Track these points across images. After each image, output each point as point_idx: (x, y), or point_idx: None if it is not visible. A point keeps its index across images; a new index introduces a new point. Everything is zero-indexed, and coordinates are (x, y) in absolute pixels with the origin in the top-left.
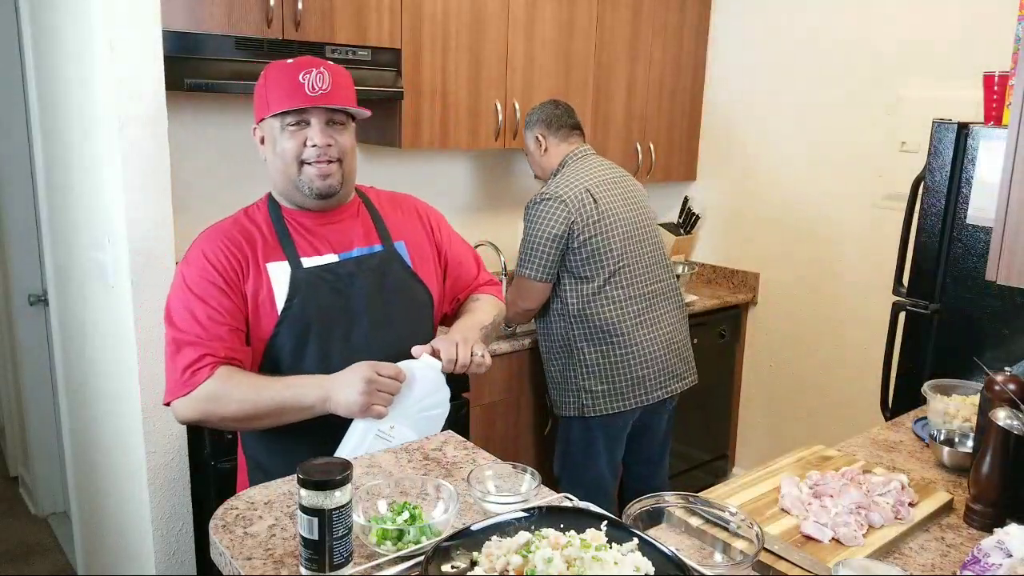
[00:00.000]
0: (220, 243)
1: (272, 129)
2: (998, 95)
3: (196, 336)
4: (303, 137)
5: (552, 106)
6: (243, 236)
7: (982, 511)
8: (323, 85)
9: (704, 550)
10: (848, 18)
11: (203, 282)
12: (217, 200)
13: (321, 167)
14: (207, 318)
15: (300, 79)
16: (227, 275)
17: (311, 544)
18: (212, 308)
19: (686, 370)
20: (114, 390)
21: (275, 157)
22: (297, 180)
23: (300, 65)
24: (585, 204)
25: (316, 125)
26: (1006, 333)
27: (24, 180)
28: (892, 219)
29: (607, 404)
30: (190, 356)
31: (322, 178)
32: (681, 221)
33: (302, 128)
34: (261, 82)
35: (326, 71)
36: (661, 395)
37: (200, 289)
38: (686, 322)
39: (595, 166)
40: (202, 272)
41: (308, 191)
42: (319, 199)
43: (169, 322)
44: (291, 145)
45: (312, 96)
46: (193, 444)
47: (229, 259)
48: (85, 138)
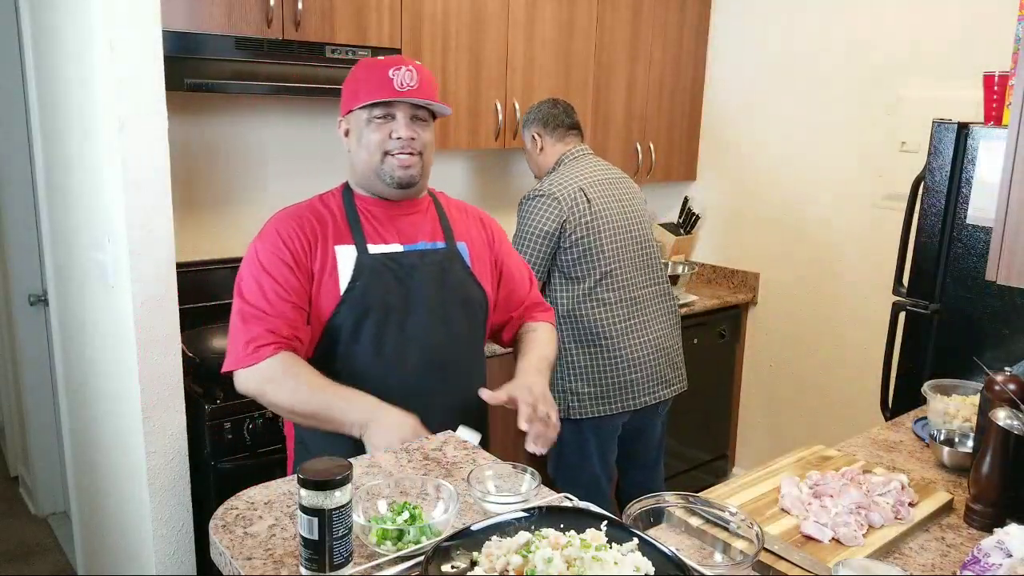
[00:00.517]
0: (293, 223)
1: (359, 121)
2: (998, 95)
3: (262, 311)
4: (388, 130)
5: (550, 105)
6: (315, 218)
7: (982, 511)
8: (411, 82)
9: (704, 550)
10: (848, 18)
11: (274, 259)
12: (217, 200)
13: (403, 158)
14: (274, 294)
15: (390, 75)
16: (296, 254)
17: (311, 544)
18: (279, 285)
19: (675, 377)
20: (114, 390)
21: (360, 147)
22: (379, 169)
23: (390, 62)
24: (578, 202)
25: (401, 119)
26: (1006, 333)
27: (24, 180)
28: (892, 219)
29: (593, 407)
30: (255, 330)
31: (403, 168)
32: (681, 221)
33: (388, 121)
34: (351, 77)
35: (415, 69)
36: (648, 400)
37: (270, 265)
38: (678, 329)
39: (591, 166)
40: (274, 249)
41: (389, 180)
42: (399, 188)
43: (238, 293)
44: (377, 137)
45: (400, 91)
46: (193, 444)
47: (300, 239)
48: (85, 138)
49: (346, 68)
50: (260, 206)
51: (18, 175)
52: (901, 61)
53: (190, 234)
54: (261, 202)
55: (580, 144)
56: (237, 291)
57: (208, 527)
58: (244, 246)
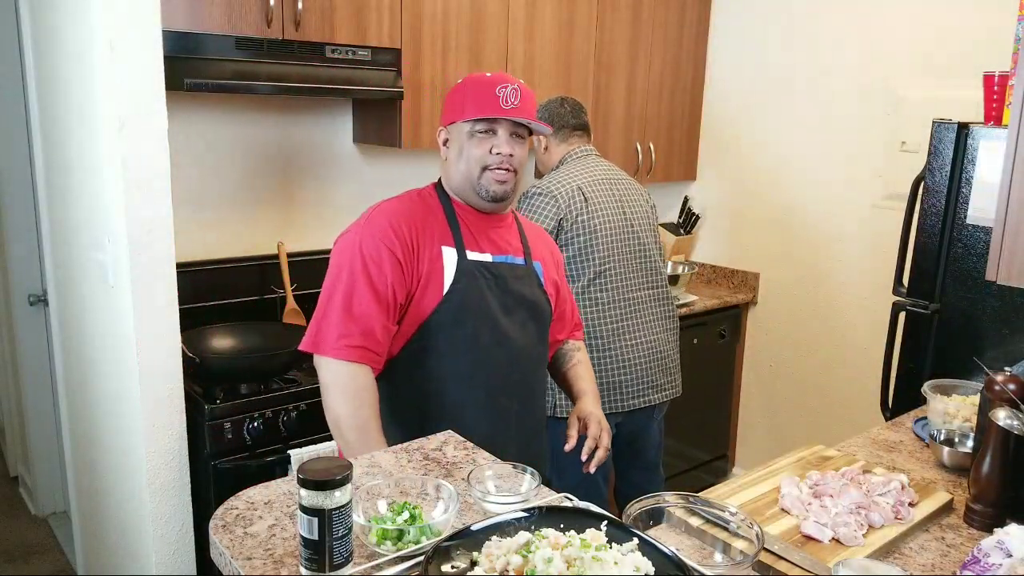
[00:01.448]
0: (405, 215)
1: (461, 133)
2: (998, 95)
3: (363, 311)
4: (489, 145)
5: (557, 104)
6: (425, 212)
7: (982, 511)
8: (515, 100)
9: (704, 550)
10: (848, 18)
11: (383, 250)
12: (217, 200)
13: (500, 174)
14: (377, 296)
15: (496, 92)
16: (407, 247)
17: (311, 544)
18: (385, 284)
19: (668, 382)
20: (114, 390)
21: (459, 159)
22: (476, 183)
23: (497, 80)
24: (575, 201)
25: (503, 135)
26: (1006, 333)
27: (24, 180)
28: (892, 219)
29: None
30: (352, 327)
31: (499, 184)
32: (681, 221)
33: (489, 137)
34: (459, 90)
35: (519, 88)
36: (638, 404)
37: (379, 258)
38: (675, 334)
39: (593, 166)
40: (384, 240)
41: (485, 194)
42: (492, 202)
43: (338, 277)
44: (478, 152)
45: (505, 109)
46: (193, 444)
47: (411, 232)
48: (85, 138)
49: (346, 68)
50: (260, 206)
51: (18, 175)
52: (901, 61)
53: (190, 234)
54: (261, 202)
55: (584, 144)
56: (336, 275)
57: (208, 527)
58: (244, 246)
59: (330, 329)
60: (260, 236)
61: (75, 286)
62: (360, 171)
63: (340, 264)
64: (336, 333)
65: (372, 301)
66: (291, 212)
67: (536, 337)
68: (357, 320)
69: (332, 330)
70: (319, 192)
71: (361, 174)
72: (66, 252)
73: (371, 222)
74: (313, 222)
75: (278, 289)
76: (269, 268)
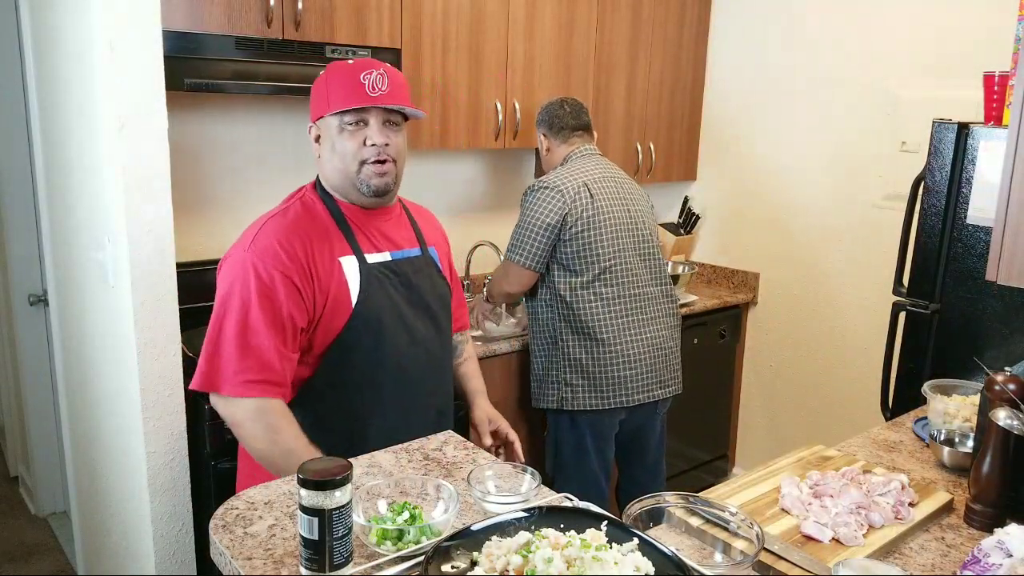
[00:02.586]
0: (294, 233)
1: (330, 128)
2: (998, 95)
3: (260, 343)
4: (362, 137)
5: (557, 106)
6: (313, 227)
7: (982, 511)
8: (382, 86)
9: (704, 550)
10: (848, 18)
11: (276, 275)
12: (217, 200)
13: (378, 166)
14: (275, 324)
15: (361, 79)
16: (303, 269)
17: (311, 544)
18: (283, 311)
19: (671, 378)
20: (114, 390)
21: (332, 155)
22: (356, 179)
23: (360, 66)
24: (581, 197)
25: (374, 125)
26: (1006, 333)
27: (24, 180)
28: (892, 219)
29: (586, 399)
30: (249, 362)
31: (379, 176)
32: (681, 221)
33: (360, 128)
34: (321, 81)
35: (385, 73)
36: (643, 399)
37: (272, 283)
38: (678, 331)
39: (596, 164)
40: (276, 264)
41: (366, 189)
42: (375, 196)
43: (228, 307)
44: (351, 145)
45: (372, 96)
46: (193, 444)
47: (304, 252)
48: (85, 138)
49: None
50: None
51: (18, 175)
52: (901, 61)
53: (190, 234)
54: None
55: (587, 144)
56: (225, 304)
57: (208, 527)
58: None
59: (226, 365)
60: None
61: (75, 286)
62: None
63: (230, 292)
64: (232, 369)
65: (268, 330)
66: None
67: (444, 324)
68: (254, 353)
69: (228, 366)
70: None
71: None
72: (66, 252)
73: (258, 244)
74: None
75: None
76: None
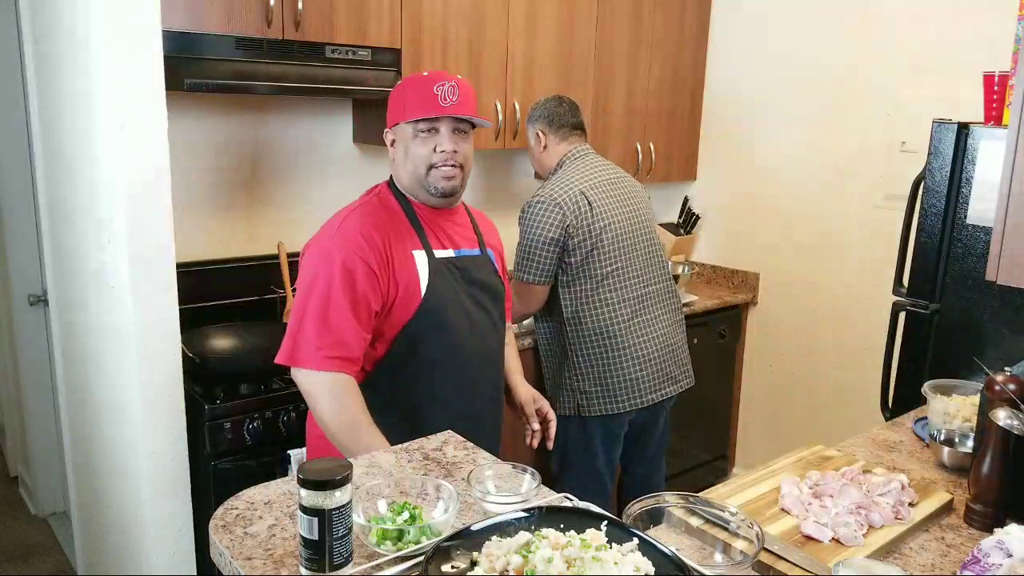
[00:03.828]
0: (373, 222)
1: (405, 134)
2: (998, 95)
3: (340, 322)
4: (433, 143)
5: (555, 103)
6: (391, 218)
7: (982, 511)
8: (453, 97)
9: (704, 550)
10: (848, 18)
11: (357, 261)
12: (217, 200)
13: (446, 170)
14: (355, 305)
15: (435, 90)
16: (381, 256)
17: (311, 544)
18: (363, 293)
19: (681, 373)
20: (114, 391)
21: (406, 159)
22: (425, 181)
23: (434, 78)
24: (580, 207)
25: (445, 132)
26: (1006, 333)
27: (24, 180)
28: (892, 219)
29: (602, 405)
30: (328, 338)
31: (447, 180)
32: (681, 221)
33: (432, 135)
34: (398, 91)
35: (457, 85)
36: (656, 397)
37: (354, 268)
38: (682, 325)
39: (592, 167)
40: (358, 251)
41: (434, 191)
42: (442, 198)
43: (312, 290)
44: (423, 151)
45: (444, 106)
46: (193, 444)
47: (383, 240)
48: (85, 138)
49: (346, 68)
50: (260, 206)
51: (18, 175)
52: (901, 61)
53: (190, 234)
54: (261, 202)
55: (582, 144)
56: (310, 286)
57: (208, 527)
58: (244, 246)
59: (307, 341)
60: (260, 236)
61: (75, 286)
62: (360, 171)
63: (315, 275)
64: (313, 345)
65: (348, 311)
66: (291, 212)
67: (499, 318)
68: (333, 331)
69: (309, 342)
70: (319, 192)
71: (361, 174)
72: (66, 252)
73: (342, 234)
74: (313, 222)
75: (278, 289)
76: (269, 268)
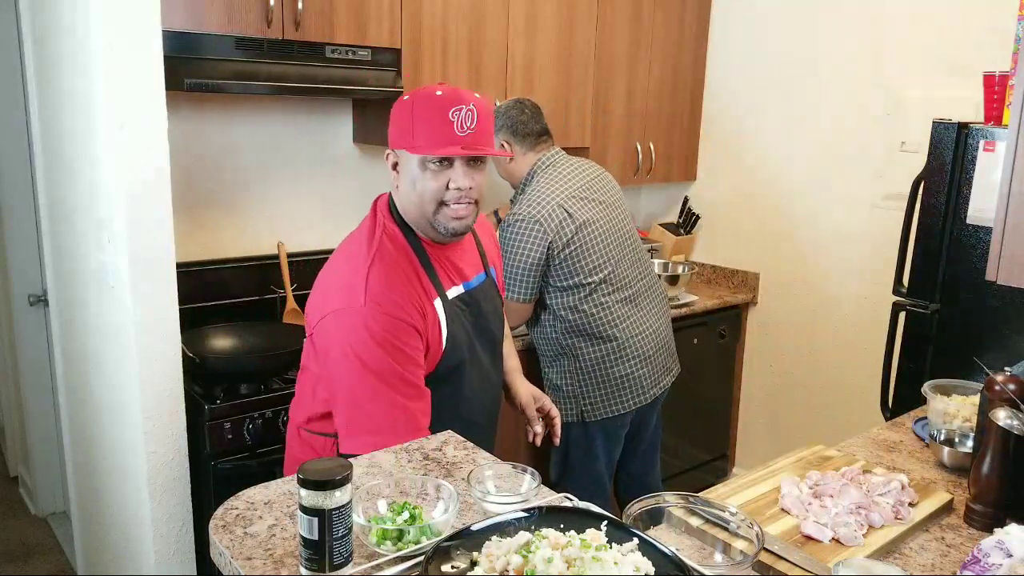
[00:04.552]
0: (403, 279)
1: (410, 162)
2: (998, 95)
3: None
4: (445, 179)
5: (517, 111)
6: (408, 265)
7: (982, 511)
8: (471, 124)
9: (704, 550)
10: (848, 18)
11: (402, 326)
12: (217, 200)
13: (458, 208)
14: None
15: (450, 116)
16: (419, 312)
17: (311, 544)
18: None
19: (673, 362)
20: (114, 391)
21: (412, 191)
22: (433, 219)
23: (449, 101)
24: (561, 222)
25: (459, 167)
26: (1006, 333)
27: (24, 180)
28: (892, 219)
29: (606, 408)
30: (413, 406)
31: (458, 219)
32: (681, 221)
33: (444, 168)
34: (406, 109)
35: (475, 108)
36: (656, 392)
37: (401, 336)
38: (669, 314)
39: (565, 174)
40: (400, 314)
41: (443, 230)
42: (452, 237)
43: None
44: (434, 186)
45: (461, 137)
46: (193, 444)
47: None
48: (85, 138)
49: (346, 68)
50: (260, 206)
51: (18, 175)
52: (901, 61)
53: (190, 234)
54: (261, 202)
55: (551, 148)
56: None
57: (208, 527)
58: (244, 246)
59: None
60: (260, 236)
61: (75, 286)
62: (360, 171)
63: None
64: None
65: (417, 376)
66: (291, 212)
67: (499, 339)
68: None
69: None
70: (319, 192)
71: (361, 174)
72: (66, 252)
73: (372, 296)
74: (313, 222)
75: (278, 289)
76: (269, 268)
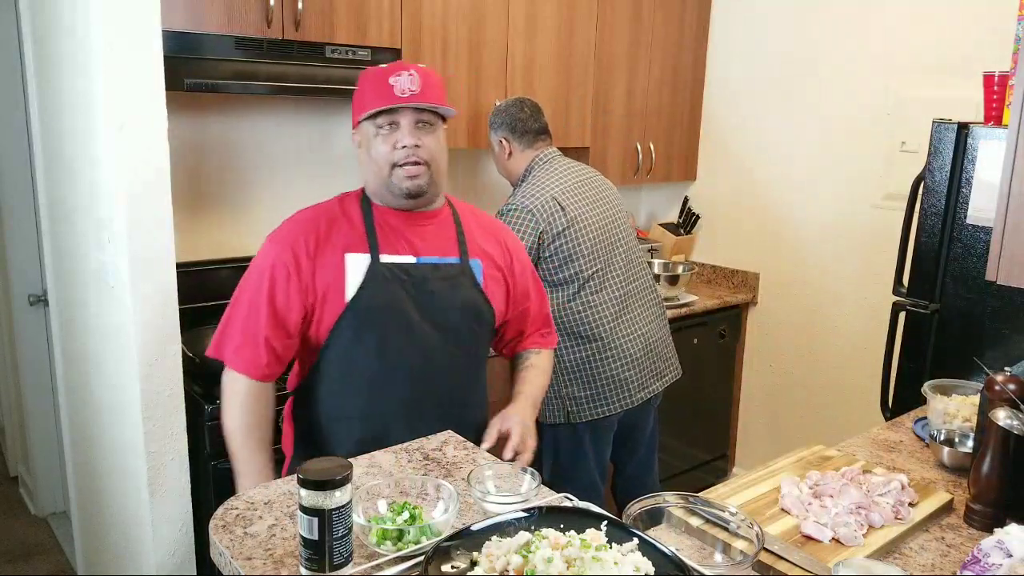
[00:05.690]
0: (304, 227)
1: (367, 133)
2: (998, 95)
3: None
4: (394, 140)
5: (517, 109)
6: (329, 221)
7: (982, 511)
8: (412, 87)
9: (704, 550)
10: (848, 18)
11: (279, 264)
12: (217, 200)
13: (409, 168)
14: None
15: (390, 81)
16: (301, 262)
17: (311, 544)
18: (280, 298)
19: (667, 367)
20: (114, 390)
21: (370, 160)
22: (388, 182)
23: (392, 69)
24: (553, 213)
25: (405, 126)
26: (1006, 333)
27: (24, 180)
28: (892, 219)
29: (592, 410)
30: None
31: (410, 179)
32: (681, 221)
33: (393, 131)
34: (358, 88)
35: (416, 73)
36: (644, 396)
37: (277, 271)
38: (665, 319)
39: (562, 170)
40: (283, 253)
41: (398, 192)
42: (408, 199)
43: (246, 283)
44: (384, 149)
45: (401, 97)
46: (193, 444)
47: (313, 243)
48: (85, 138)
49: (346, 68)
50: (260, 206)
51: (18, 175)
52: (901, 61)
53: (190, 234)
54: (261, 202)
55: (549, 146)
56: (245, 281)
57: (208, 527)
58: (244, 246)
59: (231, 338)
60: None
61: (75, 286)
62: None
63: (248, 273)
64: (235, 343)
65: (269, 317)
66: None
67: (466, 337)
68: (253, 335)
69: (232, 340)
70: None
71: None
72: (66, 252)
73: (280, 233)
74: None
75: None
76: None
